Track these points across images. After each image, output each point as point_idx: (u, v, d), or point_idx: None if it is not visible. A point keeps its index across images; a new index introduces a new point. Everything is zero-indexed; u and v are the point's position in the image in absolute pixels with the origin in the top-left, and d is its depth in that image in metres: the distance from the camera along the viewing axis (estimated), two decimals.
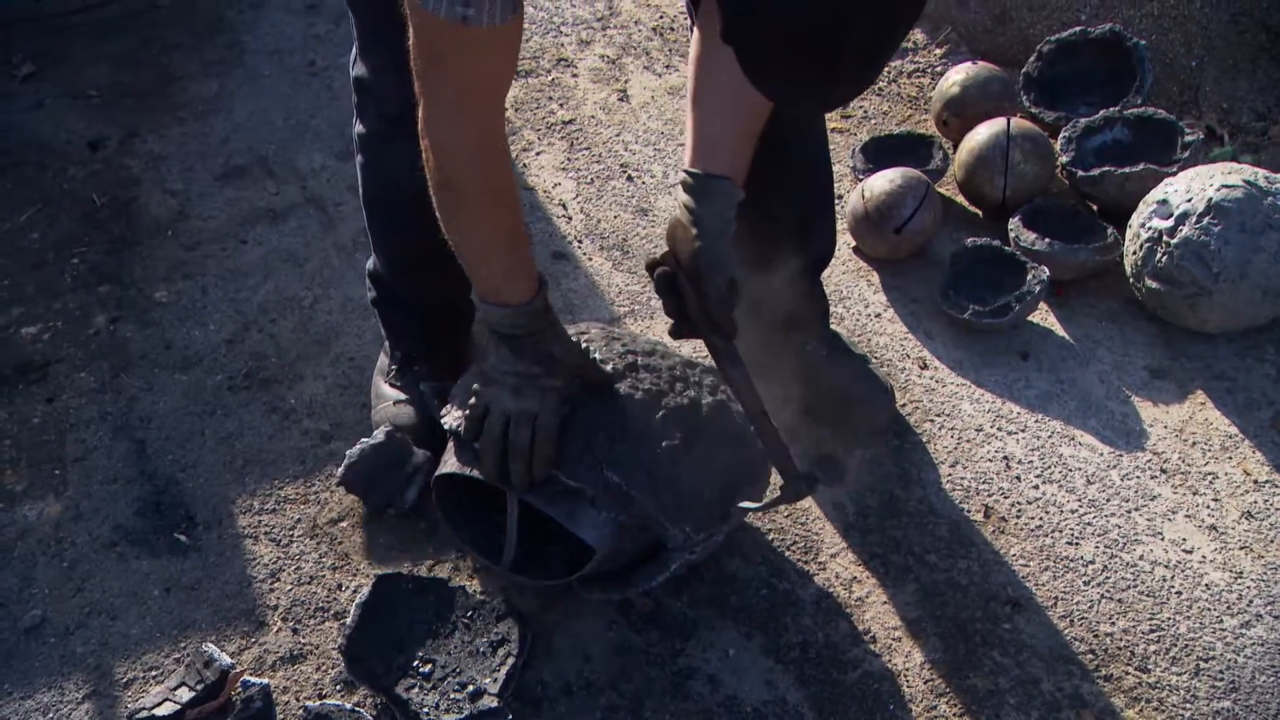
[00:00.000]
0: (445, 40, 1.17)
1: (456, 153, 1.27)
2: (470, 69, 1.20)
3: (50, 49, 2.76)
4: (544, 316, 1.39)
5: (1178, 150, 2.07)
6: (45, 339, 2.04)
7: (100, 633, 1.60)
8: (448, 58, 1.19)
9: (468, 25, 1.12)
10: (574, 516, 1.42)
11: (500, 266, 1.37)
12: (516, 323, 1.38)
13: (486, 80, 1.23)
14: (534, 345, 1.40)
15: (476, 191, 1.31)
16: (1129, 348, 1.94)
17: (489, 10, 1.12)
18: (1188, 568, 1.62)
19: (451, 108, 1.24)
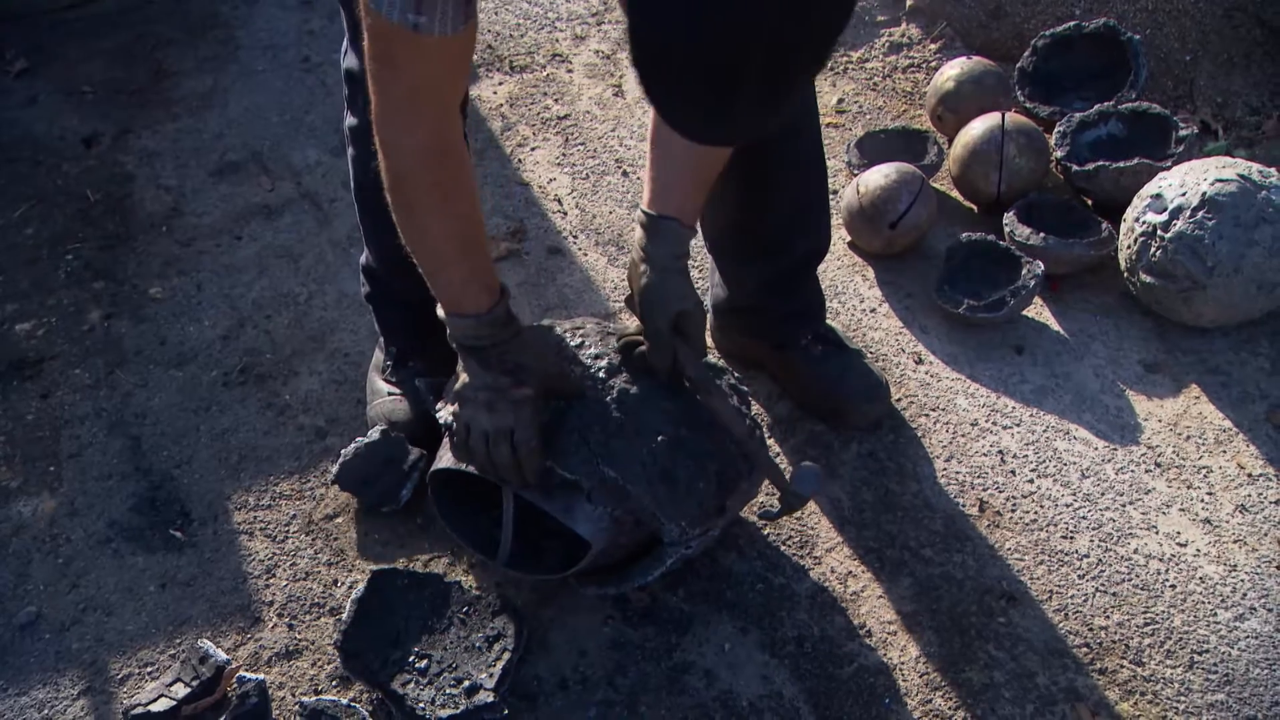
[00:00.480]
0: (396, 44, 1.17)
1: (406, 152, 1.28)
2: (420, 73, 1.21)
3: (44, 45, 2.76)
4: (506, 326, 1.40)
5: (1172, 145, 2.07)
6: (39, 335, 2.03)
7: (95, 629, 1.60)
8: (398, 61, 1.20)
9: (419, 33, 1.13)
10: (570, 511, 1.42)
11: (456, 274, 1.37)
12: (479, 334, 1.39)
13: (437, 84, 1.24)
14: (499, 356, 1.40)
15: (426, 193, 1.31)
16: (1123, 342, 1.94)
17: (440, 20, 1.13)
18: (1182, 561, 1.63)
19: (401, 107, 1.24)
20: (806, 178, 1.75)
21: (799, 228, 1.78)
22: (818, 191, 1.79)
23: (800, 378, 1.84)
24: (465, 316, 1.37)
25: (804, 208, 1.78)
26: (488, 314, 1.37)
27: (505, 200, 2.29)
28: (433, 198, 1.31)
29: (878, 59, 2.59)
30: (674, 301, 1.41)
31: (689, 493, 1.43)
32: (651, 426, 1.43)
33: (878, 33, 2.63)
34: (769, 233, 1.75)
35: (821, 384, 1.81)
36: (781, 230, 1.76)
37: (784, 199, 1.72)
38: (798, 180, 1.73)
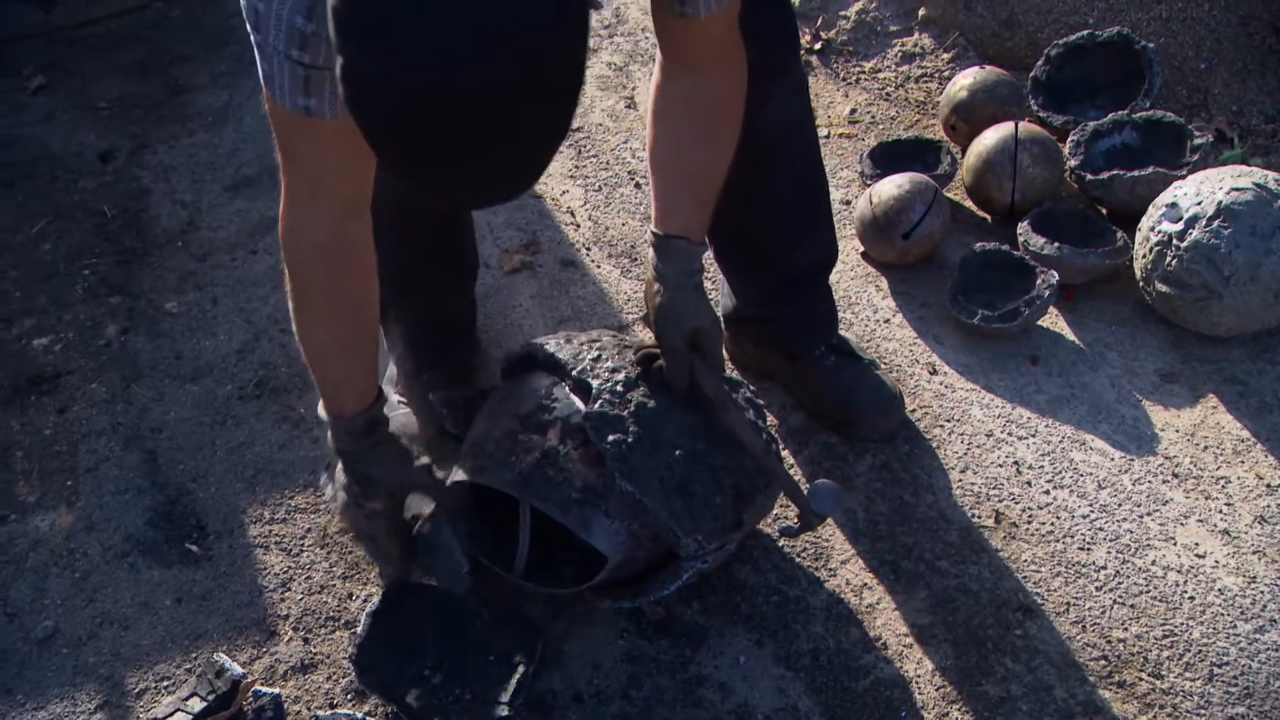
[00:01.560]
0: (291, 130, 1.17)
1: (300, 247, 1.27)
2: (317, 162, 1.20)
3: (61, 61, 2.78)
4: (364, 437, 1.41)
5: (1187, 153, 2.06)
6: (57, 350, 2.05)
7: (112, 643, 1.60)
8: (296, 149, 1.20)
9: (311, 117, 1.12)
10: (587, 525, 1.42)
11: (331, 373, 1.38)
12: (340, 438, 1.41)
13: (335, 175, 1.22)
14: (354, 464, 1.43)
15: (316, 293, 1.31)
16: (1139, 352, 1.93)
17: (330, 103, 1.11)
18: (1201, 573, 1.61)
19: (302, 201, 1.24)
20: (799, 190, 1.76)
21: (797, 240, 1.78)
22: (814, 203, 1.79)
23: (813, 389, 1.83)
24: (332, 415, 1.40)
25: (801, 220, 1.78)
26: (348, 420, 1.39)
27: (518, 213, 2.29)
28: (322, 298, 1.32)
29: (890, 69, 2.59)
30: (688, 319, 1.42)
31: (705, 507, 1.43)
32: (669, 441, 1.43)
33: (890, 43, 2.63)
34: (766, 245, 1.76)
35: (835, 395, 1.81)
36: (779, 243, 1.76)
37: (777, 211, 1.73)
38: (790, 193, 1.74)
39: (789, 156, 1.71)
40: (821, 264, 1.85)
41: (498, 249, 2.21)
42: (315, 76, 1.09)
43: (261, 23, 1.07)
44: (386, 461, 1.44)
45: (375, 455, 1.43)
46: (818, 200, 1.79)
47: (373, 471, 1.43)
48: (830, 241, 1.84)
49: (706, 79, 1.34)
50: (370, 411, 1.40)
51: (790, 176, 1.73)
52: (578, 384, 1.48)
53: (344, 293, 1.32)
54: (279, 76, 1.10)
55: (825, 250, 1.84)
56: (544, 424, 1.47)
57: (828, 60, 2.65)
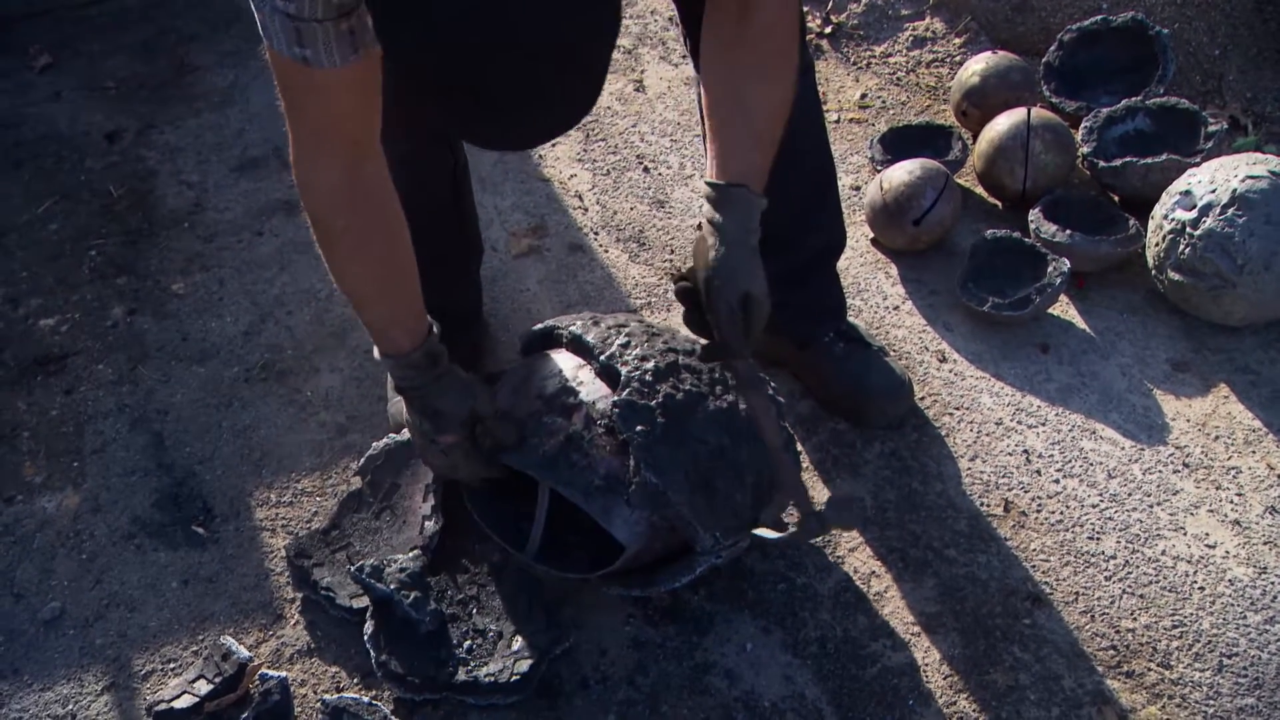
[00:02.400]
0: (293, 79, 1.16)
1: (317, 191, 1.26)
2: (319, 109, 1.19)
3: (67, 40, 2.77)
4: (427, 370, 1.38)
5: (1201, 140, 2.04)
6: (63, 330, 2.04)
7: (119, 624, 1.60)
8: (297, 97, 1.18)
9: (309, 66, 1.12)
10: (608, 513, 1.41)
11: (373, 315, 1.37)
12: (402, 375, 1.39)
13: (341, 120, 1.21)
14: (421, 400, 1.41)
15: (340, 235, 1.29)
16: (1151, 340, 1.92)
17: (326, 53, 1.11)
18: (1210, 563, 1.60)
19: (310, 147, 1.23)
20: (808, 173, 1.73)
21: (806, 224, 1.76)
22: (822, 186, 1.77)
23: (822, 375, 1.82)
24: (389, 357, 1.38)
25: (809, 203, 1.75)
26: (404, 357, 1.37)
27: (526, 196, 2.28)
28: (348, 240, 1.30)
29: (901, 53, 2.57)
30: (744, 280, 1.30)
31: (726, 503, 1.43)
32: (695, 435, 1.42)
33: (901, 27, 2.61)
34: (774, 229, 1.72)
35: (844, 382, 1.80)
36: (787, 227, 1.72)
37: (786, 195, 1.69)
38: (798, 176, 1.71)
39: (797, 139, 1.69)
40: (830, 249, 1.83)
41: (505, 232, 2.20)
42: (305, 28, 1.08)
43: None
44: (452, 393, 1.41)
45: (440, 388, 1.40)
46: (826, 184, 1.77)
47: (440, 404, 1.40)
48: (838, 226, 1.82)
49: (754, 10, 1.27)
50: (426, 345, 1.38)
51: (799, 160, 1.71)
52: (605, 369, 1.46)
53: (370, 232, 1.31)
54: (272, 26, 1.09)
55: (834, 235, 1.83)
56: (569, 407, 1.45)
57: (838, 44, 2.63)
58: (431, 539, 1.59)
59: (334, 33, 1.09)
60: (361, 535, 1.64)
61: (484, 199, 2.26)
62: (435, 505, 1.62)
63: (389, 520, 1.65)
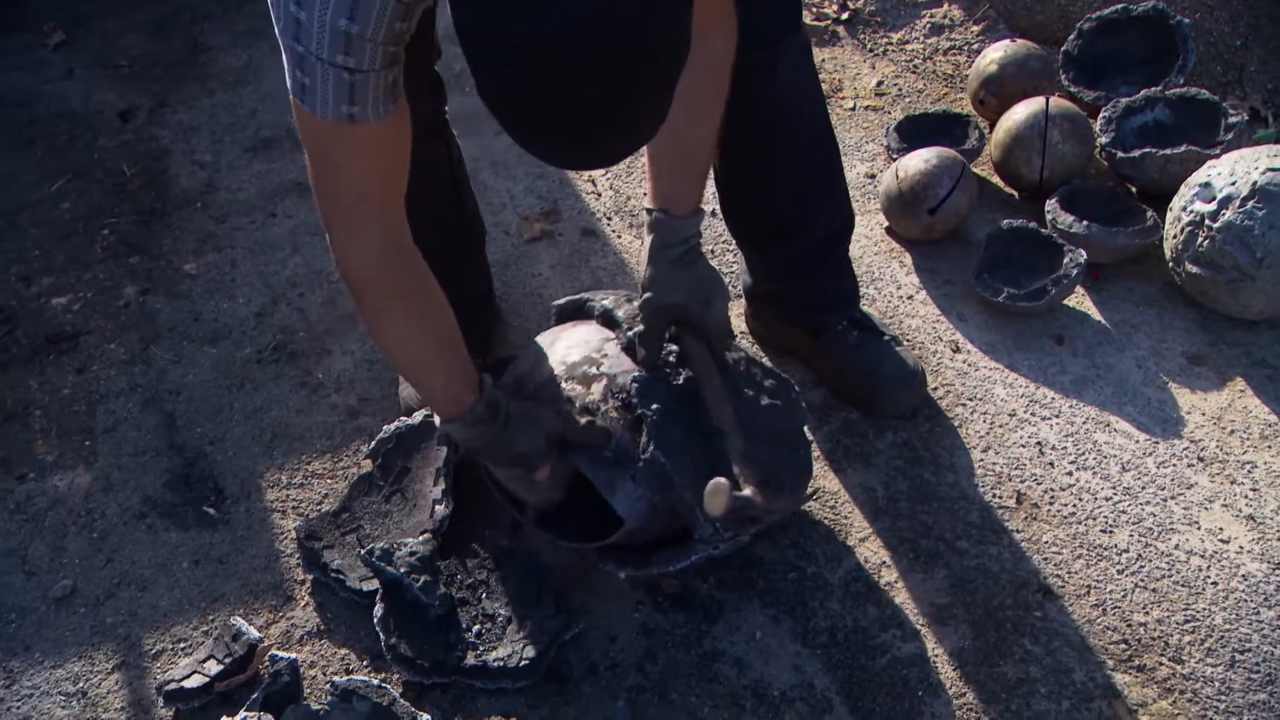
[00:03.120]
0: (333, 144, 1.15)
1: (365, 257, 1.24)
2: (359, 170, 1.18)
3: (81, 18, 2.76)
4: (492, 421, 1.37)
5: (1221, 132, 2.02)
6: (76, 309, 2.04)
7: (130, 604, 1.61)
8: (338, 161, 1.18)
9: (355, 124, 1.11)
10: (612, 486, 1.41)
11: (437, 375, 1.35)
12: (471, 435, 1.38)
13: (380, 181, 1.21)
14: (499, 454, 1.40)
15: (394, 297, 1.29)
16: (1167, 333, 1.90)
17: (374, 106, 1.11)
18: (1224, 558, 1.60)
19: (350, 213, 1.22)
20: (813, 154, 1.72)
21: (812, 209, 1.75)
22: (828, 171, 1.76)
23: (835, 364, 1.82)
24: (453, 421, 1.37)
25: (814, 188, 1.75)
26: (469, 413, 1.35)
27: (539, 181, 2.27)
28: (402, 301, 1.29)
29: (918, 41, 2.55)
30: (665, 294, 1.41)
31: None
32: (710, 424, 1.41)
33: (919, 14, 2.59)
34: (783, 214, 1.73)
35: (856, 370, 1.79)
36: (796, 211, 1.74)
37: (789, 181, 1.70)
38: (804, 158, 1.71)
39: (802, 120, 1.68)
40: (839, 232, 1.82)
41: (517, 217, 2.19)
42: (359, 81, 1.08)
43: (303, 33, 1.05)
44: (525, 432, 1.39)
45: (510, 433, 1.39)
46: (831, 164, 1.76)
47: (519, 447, 1.39)
48: (846, 208, 1.81)
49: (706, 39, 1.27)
50: (486, 394, 1.37)
51: (804, 141, 1.70)
52: (632, 344, 1.46)
53: (421, 293, 1.30)
54: (321, 88, 1.08)
55: (842, 218, 1.81)
56: (589, 377, 1.46)
57: (855, 31, 2.60)
58: (441, 523, 1.59)
59: (383, 83, 1.10)
60: (372, 518, 1.64)
61: (496, 183, 2.26)
62: (445, 489, 1.62)
63: (399, 503, 1.65)
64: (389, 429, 1.70)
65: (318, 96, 1.09)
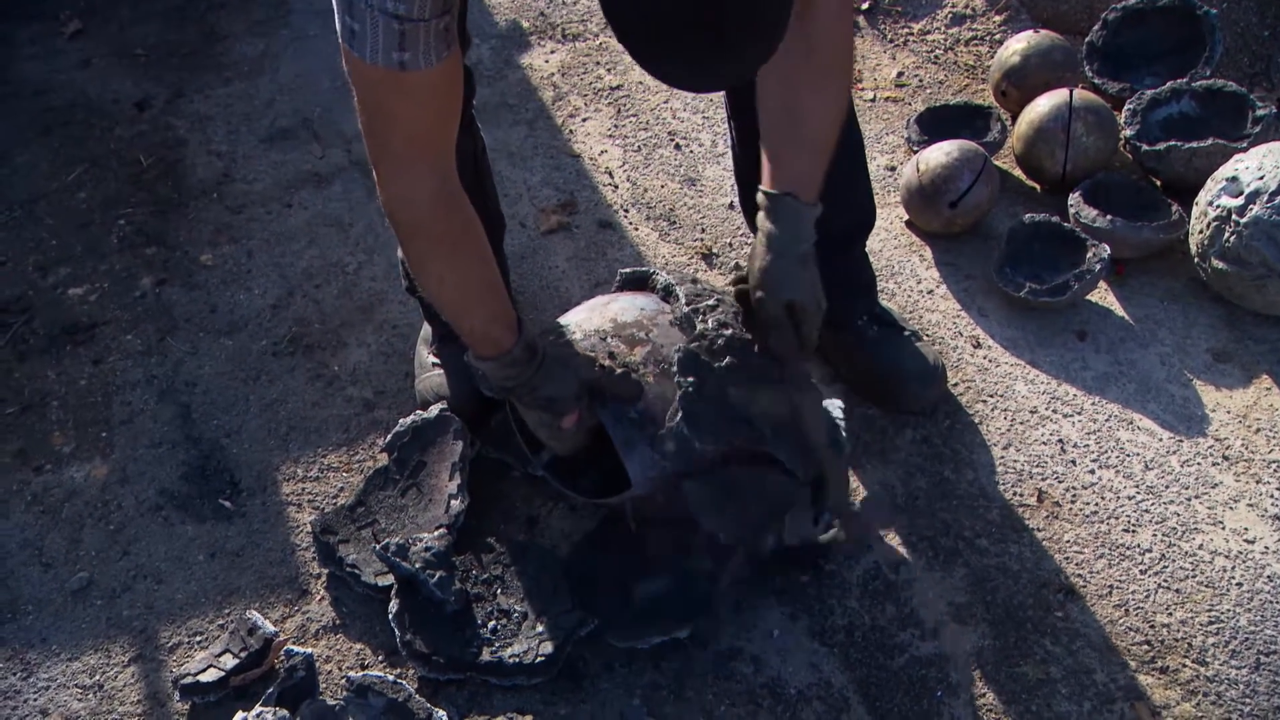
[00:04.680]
0: (385, 89, 1.15)
1: (418, 202, 1.26)
2: (413, 117, 1.19)
3: (97, 6, 2.75)
4: (528, 363, 1.38)
5: (1248, 125, 1.99)
6: (92, 300, 2.04)
7: (146, 596, 1.61)
8: (390, 108, 1.18)
9: (405, 71, 1.11)
10: (630, 447, 1.40)
11: (479, 315, 1.36)
12: (505, 375, 1.38)
13: (431, 127, 1.21)
14: (531, 395, 1.40)
15: (440, 242, 1.30)
16: (1192, 329, 1.88)
17: (424, 53, 1.11)
18: (1249, 558, 1.57)
19: (403, 158, 1.22)
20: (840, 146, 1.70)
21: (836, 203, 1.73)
22: (852, 163, 1.73)
23: (854, 359, 1.80)
24: (488, 360, 1.37)
25: (839, 182, 1.72)
26: (507, 354, 1.36)
27: (555, 172, 2.26)
28: (446, 246, 1.31)
29: (939, 31, 2.52)
30: (788, 289, 1.37)
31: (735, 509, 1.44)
32: (740, 413, 1.41)
33: (940, 4, 2.55)
34: None
35: (876, 366, 1.77)
36: None
37: None
38: None
39: None
40: (861, 226, 1.80)
41: (534, 209, 2.18)
42: (410, 30, 1.08)
43: None
44: (557, 377, 1.40)
45: (544, 375, 1.39)
46: (856, 161, 1.74)
47: (550, 391, 1.40)
48: (869, 204, 1.79)
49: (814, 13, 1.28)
50: (524, 334, 1.38)
51: None
52: (685, 320, 1.46)
53: (466, 233, 1.31)
54: (371, 35, 1.08)
55: (864, 212, 1.80)
56: (635, 339, 1.46)
57: (875, 21, 2.58)
58: (457, 518, 1.58)
59: (435, 30, 1.10)
60: (387, 512, 1.64)
61: (513, 174, 2.24)
62: (461, 484, 1.61)
63: (415, 498, 1.65)
64: (405, 422, 1.70)
65: (367, 43, 1.09)
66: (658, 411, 1.40)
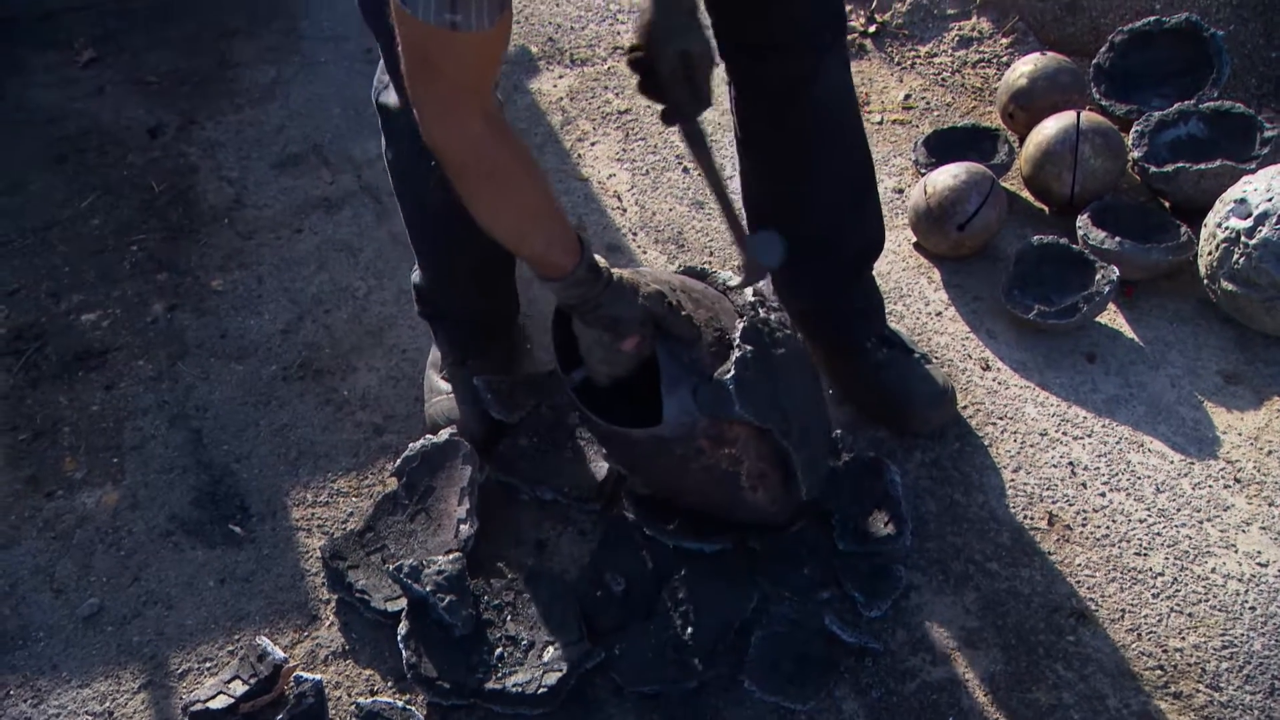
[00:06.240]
0: (434, 46, 1.16)
1: (461, 144, 1.26)
2: (460, 72, 1.19)
3: (111, 34, 2.79)
4: (594, 282, 1.38)
5: (1256, 146, 1.99)
6: (105, 326, 2.06)
7: (156, 622, 1.61)
8: (438, 63, 1.18)
9: (456, 31, 1.11)
10: (674, 385, 1.41)
11: (536, 245, 1.36)
12: (569, 294, 1.38)
13: (476, 77, 1.22)
14: (594, 313, 1.40)
15: (490, 173, 1.30)
16: (1202, 351, 1.87)
17: (476, 16, 1.11)
18: (1263, 582, 1.56)
19: (445, 107, 1.23)
20: (850, 168, 1.71)
21: (847, 224, 1.75)
22: (863, 185, 1.74)
23: (863, 381, 1.80)
24: (552, 280, 1.37)
25: (850, 203, 1.74)
26: (571, 274, 1.36)
27: (564, 196, 2.27)
28: (496, 182, 1.30)
29: (947, 53, 2.53)
30: (679, 39, 1.34)
31: None
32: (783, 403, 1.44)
33: (947, 26, 2.56)
34: (816, 232, 1.71)
35: (884, 388, 1.77)
36: (828, 228, 1.72)
37: (827, 196, 1.69)
38: (841, 172, 1.70)
39: (840, 133, 1.67)
40: (870, 249, 1.81)
41: None
42: None
43: None
44: (624, 297, 1.40)
45: (611, 294, 1.39)
46: (865, 184, 1.75)
47: (615, 310, 1.39)
48: (878, 227, 1.80)
49: None
50: (586, 255, 1.37)
51: (841, 154, 1.69)
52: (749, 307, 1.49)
53: (513, 164, 1.31)
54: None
55: (874, 235, 1.80)
56: (699, 303, 1.47)
57: (882, 44, 2.59)
58: (466, 542, 1.58)
59: None
60: (396, 537, 1.64)
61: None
62: (471, 509, 1.61)
63: (424, 523, 1.65)
64: (414, 447, 1.70)
65: (419, 1, 1.10)
66: (707, 367, 1.42)
